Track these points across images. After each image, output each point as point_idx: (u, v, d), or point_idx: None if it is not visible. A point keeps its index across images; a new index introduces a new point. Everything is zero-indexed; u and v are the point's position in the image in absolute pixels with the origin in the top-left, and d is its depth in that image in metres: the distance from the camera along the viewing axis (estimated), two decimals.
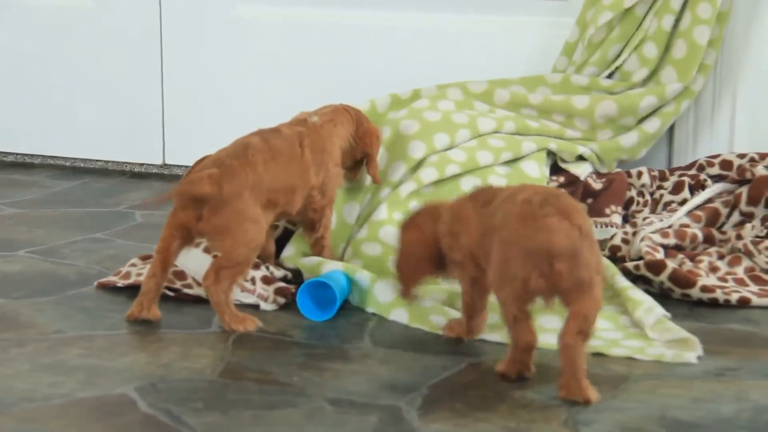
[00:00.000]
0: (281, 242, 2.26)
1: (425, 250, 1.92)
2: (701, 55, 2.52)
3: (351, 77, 2.85)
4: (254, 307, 2.04)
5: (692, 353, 1.82)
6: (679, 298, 2.09)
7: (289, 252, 2.20)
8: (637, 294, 2.00)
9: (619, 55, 2.57)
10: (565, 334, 1.65)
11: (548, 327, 1.89)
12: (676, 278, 2.08)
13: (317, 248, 2.18)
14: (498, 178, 2.28)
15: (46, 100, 3.17)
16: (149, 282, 1.98)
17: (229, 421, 1.59)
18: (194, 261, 2.11)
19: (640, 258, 2.18)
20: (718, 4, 2.49)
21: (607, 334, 1.92)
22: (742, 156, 2.50)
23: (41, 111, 3.18)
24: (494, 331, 1.92)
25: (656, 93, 2.52)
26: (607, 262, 2.12)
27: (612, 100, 2.50)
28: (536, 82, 2.59)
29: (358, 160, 2.25)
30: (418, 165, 2.31)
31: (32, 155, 3.22)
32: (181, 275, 2.10)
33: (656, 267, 2.10)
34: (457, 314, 1.97)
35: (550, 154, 2.50)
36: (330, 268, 2.08)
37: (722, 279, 2.14)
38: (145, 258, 2.22)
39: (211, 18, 3.01)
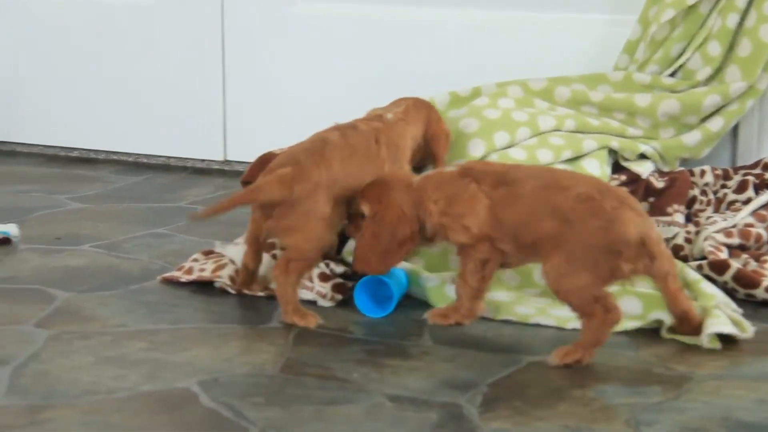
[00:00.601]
0: (343, 236, 2.26)
1: (408, 229, 1.92)
2: (767, 54, 2.48)
3: (408, 74, 2.84)
4: (312, 303, 2.05)
5: (704, 337, 1.83)
6: (743, 298, 2.07)
7: (351, 246, 2.20)
8: (707, 287, 2.00)
9: (681, 54, 2.54)
10: (679, 302, 1.83)
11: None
12: (740, 278, 2.06)
13: None
14: None
15: (109, 97, 3.20)
16: (243, 271, 2.07)
17: (290, 417, 1.60)
18: (242, 253, 2.14)
19: (703, 258, 2.16)
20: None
21: (660, 314, 1.92)
22: None
23: (105, 107, 3.21)
24: (546, 315, 1.93)
25: (720, 92, 2.49)
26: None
27: (675, 98, 2.47)
28: (597, 80, 2.56)
29: (425, 159, 2.25)
30: None
31: (96, 150, 3.26)
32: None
33: (720, 267, 2.08)
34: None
35: (612, 152, 2.48)
36: None
37: None
38: (207, 253, 2.24)
39: (271, 15, 3.03)
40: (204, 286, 2.14)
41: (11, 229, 2.41)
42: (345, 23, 2.97)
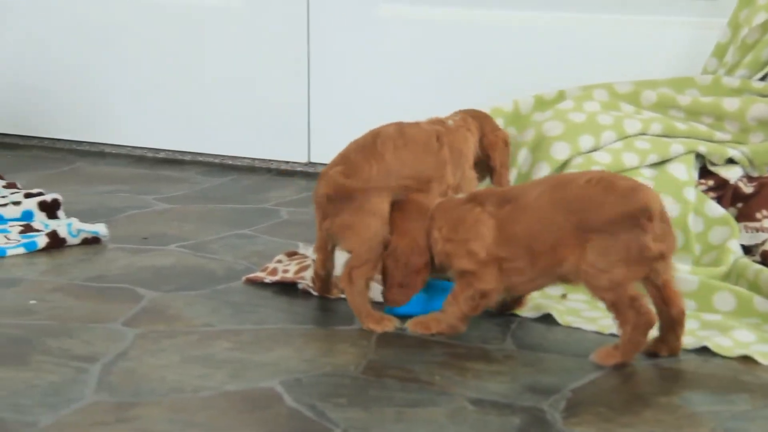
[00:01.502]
0: None
1: (421, 260, 1.92)
2: None
3: (490, 77, 2.84)
4: (381, 306, 2.03)
5: None
6: None
7: None
8: None
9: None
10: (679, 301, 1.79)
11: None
12: None
13: None
14: (644, 181, 2.24)
15: (196, 98, 3.25)
16: (316, 279, 2.08)
17: (372, 418, 1.61)
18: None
19: None
20: None
21: (740, 334, 1.88)
22: None
23: (192, 109, 3.26)
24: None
25: None
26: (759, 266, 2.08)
27: (764, 102, 2.42)
28: (685, 84, 2.53)
29: (483, 170, 2.21)
30: (563, 166, 2.29)
31: (183, 152, 3.30)
32: None
33: None
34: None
35: (699, 156, 2.45)
36: None
37: None
38: (290, 254, 2.26)
39: (355, 17, 3.04)
40: (287, 287, 2.15)
41: (100, 229, 2.45)
42: (428, 25, 2.97)
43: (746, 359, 1.81)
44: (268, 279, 2.18)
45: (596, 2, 2.80)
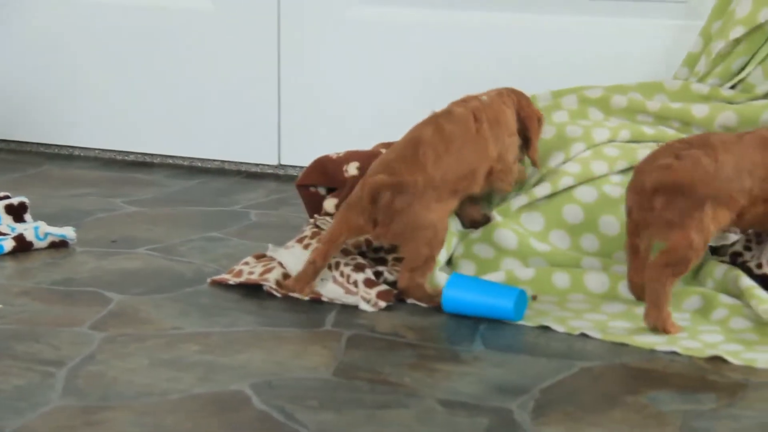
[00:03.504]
0: None
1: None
2: None
3: (465, 79, 2.83)
4: (349, 310, 2.05)
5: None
6: None
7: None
8: (762, 293, 1.98)
9: (743, 68, 2.50)
10: (651, 266, 1.91)
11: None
12: None
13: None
14: (613, 187, 2.24)
15: (164, 101, 3.24)
16: (308, 268, 2.08)
17: (342, 420, 1.61)
18: (293, 257, 2.15)
19: None
20: None
21: (708, 336, 1.90)
22: None
23: (160, 111, 3.25)
24: (598, 327, 1.92)
25: None
26: (727, 266, 2.10)
27: (732, 110, 2.43)
28: (654, 89, 2.53)
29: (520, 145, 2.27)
30: (536, 184, 2.29)
31: (152, 155, 3.29)
32: (289, 278, 2.13)
33: None
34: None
35: None
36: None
37: None
38: (259, 257, 2.26)
39: (326, 19, 3.04)
40: (257, 290, 2.15)
41: (68, 232, 2.44)
42: (402, 27, 2.97)
43: (714, 359, 1.82)
44: (233, 280, 2.17)
45: (573, 5, 2.81)
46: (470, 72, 2.87)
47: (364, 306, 2.05)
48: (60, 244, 2.43)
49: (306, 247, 2.20)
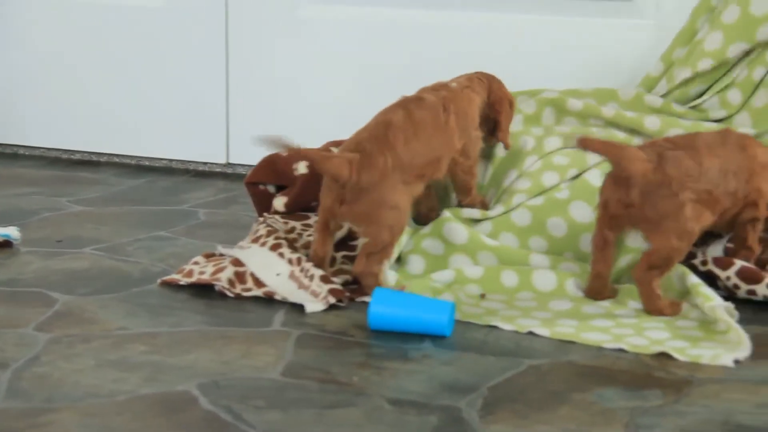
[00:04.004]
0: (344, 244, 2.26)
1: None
2: None
3: (418, 78, 2.83)
4: (298, 309, 2.04)
5: (730, 355, 1.81)
6: (744, 297, 2.06)
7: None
8: (707, 290, 2.00)
9: (701, 95, 2.52)
10: (636, 268, 1.97)
11: (597, 325, 1.93)
12: (744, 273, 2.06)
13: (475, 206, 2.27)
14: (560, 194, 2.26)
15: (111, 99, 3.21)
16: (314, 259, 2.10)
17: (290, 420, 1.60)
18: (258, 257, 2.14)
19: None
20: None
21: (654, 333, 1.92)
22: None
23: (107, 109, 3.22)
24: (546, 325, 1.93)
25: None
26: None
27: (682, 127, 2.44)
28: (608, 96, 2.54)
29: (491, 128, 2.31)
30: (496, 202, 2.31)
31: (98, 153, 3.26)
32: (241, 277, 2.12)
33: (724, 263, 2.09)
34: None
35: None
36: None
37: None
38: (208, 256, 2.25)
39: (275, 17, 3.03)
40: (205, 289, 2.14)
41: (12, 232, 2.41)
42: (351, 26, 2.97)
43: (660, 356, 1.83)
44: (184, 281, 2.16)
45: (533, 3, 2.81)
46: (425, 71, 2.85)
47: (310, 307, 2.04)
48: (4, 244, 2.40)
49: (263, 245, 2.19)
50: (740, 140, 2.08)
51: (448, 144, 2.16)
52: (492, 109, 2.29)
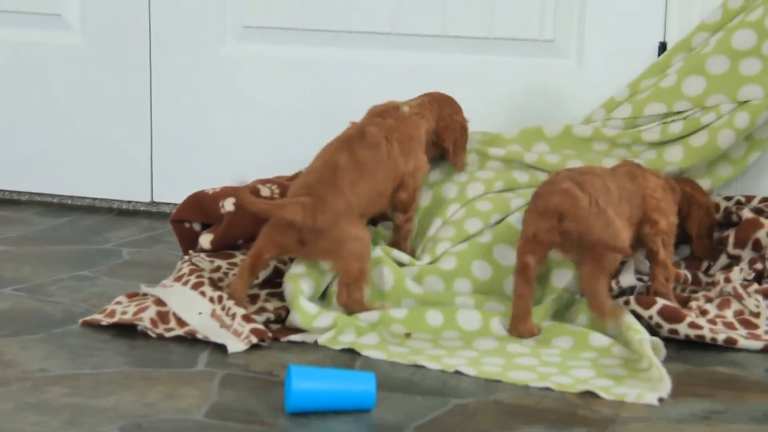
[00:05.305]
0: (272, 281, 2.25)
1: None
2: (714, 157, 2.51)
3: (341, 117, 2.84)
4: (223, 349, 2.02)
5: (654, 394, 1.83)
6: (666, 335, 2.09)
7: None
8: (635, 323, 2.03)
9: (647, 124, 2.55)
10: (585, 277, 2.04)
11: (523, 364, 1.95)
12: (665, 312, 2.09)
13: (402, 232, 2.29)
14: (482, 239, 2.27)
15: (33, 137, 3.16)
16: (233, 297, 2.10)
17: None
18: (179, 296, 2.12)
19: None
20: (758, 122, 2.48)
21: (579, 371, 1.93)
22: (728, 198, 2.50)
23: (28, 147, 3.17)
24: (472, 365, 1.93)
25: (655, 165, 2.48)
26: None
27: (613, 158, 2.47)
28: (534, 136, 2.54)
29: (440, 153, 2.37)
30: (422, 251, 2.32)
31: (19, 192, 3.21)
32: (164, 317, 2.10)
33: (646, 302, 2.11)
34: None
35: None
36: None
37: (712, 322, 2.13)
38: (131, 296, 2.22)
39: (199, 56, 3.02)
40: (127, 330, 2.11)
41: None
42: (278, 64, 2.96)
43: (585, 394, 1.85)
44: (105, 321, 2.13)
45: (455, 43, 2.83)
46: (354, 109, 2.86)
47: (232, 347, 2.01)
48: None
49: (185, 284, 2.17)
50: (631, 170, 2.22)
51: (393, 175, 2.21)
52: (439, 136, 2.34)
